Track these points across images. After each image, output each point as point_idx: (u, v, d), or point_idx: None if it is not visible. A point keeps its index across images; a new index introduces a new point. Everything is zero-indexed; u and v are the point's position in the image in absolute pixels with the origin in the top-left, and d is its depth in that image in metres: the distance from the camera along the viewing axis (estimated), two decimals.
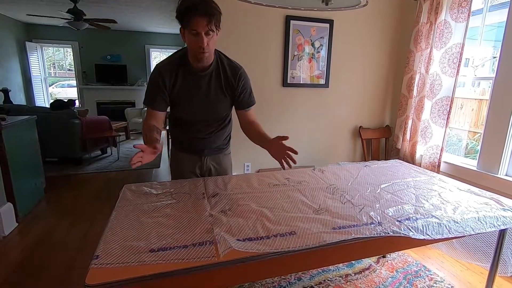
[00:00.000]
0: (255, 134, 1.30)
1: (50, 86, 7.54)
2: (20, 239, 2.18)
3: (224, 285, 0.82)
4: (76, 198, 2.96)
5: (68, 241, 2.15)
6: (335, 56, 2.73)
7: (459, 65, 2.22)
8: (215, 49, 1.23)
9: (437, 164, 2.39)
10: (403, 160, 2.68)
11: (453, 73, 2.26)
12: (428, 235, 0.97)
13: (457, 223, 1.04)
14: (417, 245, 1.02)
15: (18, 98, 5.43)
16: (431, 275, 1.74)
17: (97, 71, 6.36)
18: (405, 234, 0.94)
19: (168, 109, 1.33)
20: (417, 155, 2.61)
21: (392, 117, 3.05)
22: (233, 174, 1.54)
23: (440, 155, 2.37)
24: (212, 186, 1.30)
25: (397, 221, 1.01)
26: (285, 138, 1.12)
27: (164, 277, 0.73)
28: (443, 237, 0.98)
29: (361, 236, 0.90)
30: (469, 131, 3.04)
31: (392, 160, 1.82)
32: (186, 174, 1.43)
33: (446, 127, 2.33)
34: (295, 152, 1.09)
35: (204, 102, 1.28)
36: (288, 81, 2.62)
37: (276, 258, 0.82)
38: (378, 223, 0.99)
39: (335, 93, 2.82)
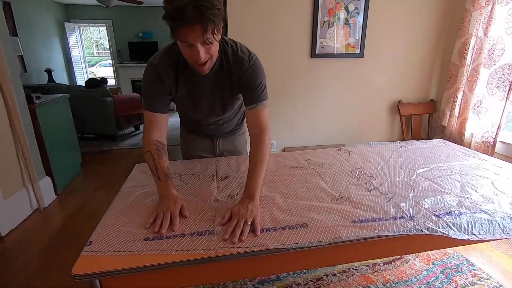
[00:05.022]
0: (249, 158, 0.98)
1: (93, 66, 7.88)
2: (59, 210, 2.34)
3: (220, 280, 0.74)
4: (110, 173, 3.11)
5: (103, 211, 2.25)
6: (373, 20, 2.40)
7: None
8: None
9: (491, 144, 2.06)
10: (450, 140, 2.36)
11: None
12: (474, 235, 0.79)
13: None
14: (458, 245, 0.85)
15: (61, 77, 5.77)
16: (475, 270, 1.54)
17: (130, 49, 6.49)
18: (444, 233, 0.77)
19: None
20: (467, 134, 2.28)
21: (438, 90, 2.68)
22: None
23: (496, 134, 2.03)
24: (224, 167, 1.22)
25: (435, 215, 0.84)
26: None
27: (152, 270, 0.67)
28: (494, 238, 0.80)
29: (387, 233, 0.76)
30: None
31: (434, 139, 1.57)
32: (196, 157, 1.36)
33: (506, 100, 1.97)
34: (256, 234, 0.76)
35: (211, 104, 1.11)
36: (317, 52, 2.38)
37: (281, 254, 0.72)
38: (410, 217, 0.83)
39: (371, 64, 2.52)
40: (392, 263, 1.60)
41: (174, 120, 2.23)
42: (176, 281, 0.72)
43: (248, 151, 1.48)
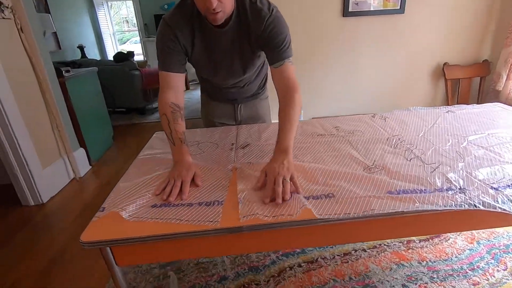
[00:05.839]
0: (278, 120, 0.88)
1: (124, 43, 7.93)
2: (93, 179, 2.46)
3: (226, 253, 0.68)
4: (140, 145, 3.17)
5: None
6: None
7: None
8: None
9: None
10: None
11: None
12: None
13: None
14: None
15: (92, 53, 5.92)
16: None
17: (156, 22, 6.43)
18: (504, 210, 0.63)
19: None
20: None
21: (494, 48, 2.31)
22: (272, 121, 1.34)
23: None
24: (244, 135, 1.13)
25: (492, 188, 0.70)
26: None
27: (155, 240, 0.62)
28: None
29: (431, 207, 0.64)
30: None
31: (488, 103, 1.35)
32: (218, 125, 1.30)
33: None
34: (296, 191, 0.71)
35: (230, 63, 1.01)
36: (350, 9, 2.12)
37: (300, 227, 0.64)
38: (460, 189, 0.70)
39: (413, 21, 2.22)
40: (430, 240, 1.46)
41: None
42: (181, 251, 0.68)
43: (272, 117, 1.39)
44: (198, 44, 0.95)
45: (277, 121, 0.87)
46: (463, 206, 0.64)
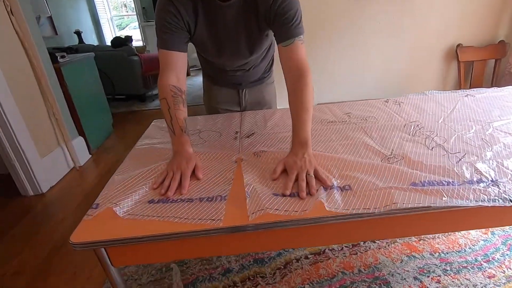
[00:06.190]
0: (290, 107, 0.82)
1: (123, 29, 7.71)
2: (93, 168, 2.41)
3: (231, 253, 0.62)
4: (140, 132, 3.09)
5: None
6: None
7: None
8: None
9: None
10: None
11: None
12: None
13: None
14: None
15: (90, 39, 5.76)
16: None
17: (154, 5, 6.21)
18: None
19: None
20: None
21: (511, 27, 2.18)
22: (277, 107, 1.26)
23: None
24: (249, 123, 1.06)
25: None
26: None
27: (153, 241, 0.56)
28: None
29: (462, 203, 0.56)
30: None
31: (510, 86, 1.26)
32: (221, 112, 1.22)
33: None
34: (325, 184, 0.65)
35: (236, 42, 0.92)
36: None
37: (312, 225, 0.57)
38: (492, 181, 0.63)
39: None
40: None
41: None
42: (181, 252, 0.62)
43: (278, 103, 1.31)
44: (201, 20, 0.86)
45: (283, 107, 0.80)
46: (497, 201, 0.57)
